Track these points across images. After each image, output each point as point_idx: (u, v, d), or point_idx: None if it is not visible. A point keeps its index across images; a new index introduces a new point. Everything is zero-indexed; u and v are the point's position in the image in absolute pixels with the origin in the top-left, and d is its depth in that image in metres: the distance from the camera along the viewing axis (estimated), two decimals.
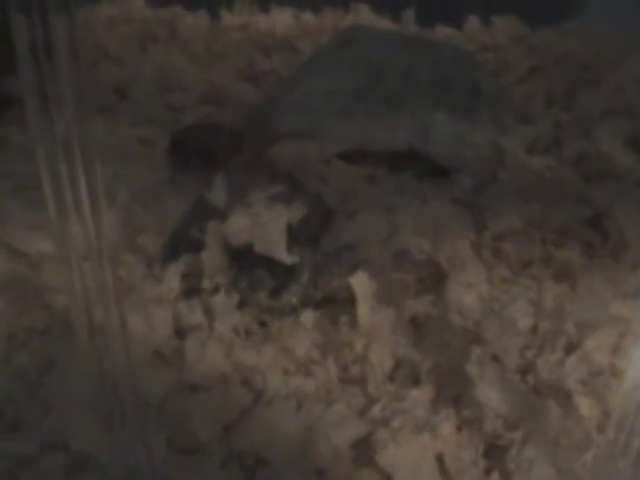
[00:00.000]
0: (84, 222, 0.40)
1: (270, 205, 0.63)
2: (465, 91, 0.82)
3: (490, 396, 0.53)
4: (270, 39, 1.07)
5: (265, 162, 0.76)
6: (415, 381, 0.57)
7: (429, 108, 0.80)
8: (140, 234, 0.68)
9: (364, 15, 1.12)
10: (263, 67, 1.00)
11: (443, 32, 1.09)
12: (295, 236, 0.62)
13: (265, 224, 0.61)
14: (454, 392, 0.55)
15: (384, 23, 1.11)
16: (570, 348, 0.58)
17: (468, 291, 0.61)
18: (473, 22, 1.11)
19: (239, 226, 0.61)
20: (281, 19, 1.12)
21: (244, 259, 0.62)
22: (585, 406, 0.53)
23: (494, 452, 0.52)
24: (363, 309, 0.60)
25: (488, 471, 0.51)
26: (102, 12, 1.15)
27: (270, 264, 0.63)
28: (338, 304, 0.63)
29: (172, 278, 0.62)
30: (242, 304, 0.62)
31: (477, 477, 0.51)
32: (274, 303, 0.62)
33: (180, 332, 0.60)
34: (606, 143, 0.80)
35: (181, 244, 0.65)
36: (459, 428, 0.53)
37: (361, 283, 0.60)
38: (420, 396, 0.55)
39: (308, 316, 0.61)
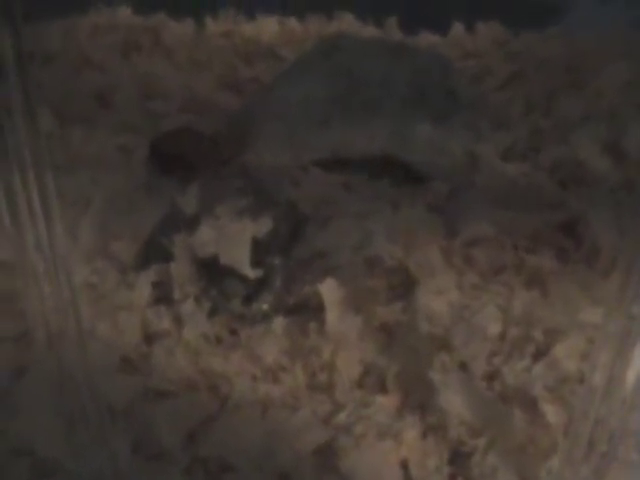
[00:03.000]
0: (37, 230, 0.40)
1: (236, 218, 0.63)
2: (441, 97, 0.82)
3: (454, 403, 0.53)
4: (254, 46, 1.07)
5: (240, 170, 0.76)
6: (383, 388, 0.57)
7: (406, 115, 0.80)
8: (114, 241, 0.68)
9: (348, 23, 1.12)
10: (245, 75, 1.00)
11: (427, 39, 1.09)
12: (264, 249, 0.63)
13: (230, 237, 0.61)
14: (420, 399, 0.55)
15: (368, 30, 1.11)
16: (538, 355, 0.57)
17: (438, 298, 0.61)
18: (457, 29, 1.11)
19: (206, 238, 0.61)
20: (266, 26, 1.12)
21: (215, 268, 0.62)
22: (551, 413, 0.53)
23: (458, 459, 0.52)
24: (331, 316, 0.60)
25: (452, 478, 0.51)
26: (89, 21, 1.15)
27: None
28: (310, 311, 0.63)
29: (142, 286, 0.62)
30: (213, 312, 0.62)
31: None
32: (246, 310, 0.63)
33: (149, 339, 0.60)
34: (583, 149, 0.80)
35: (152, 252, 0.65)
36: (424, 435, 0.53)
37: (330, 290, 0.60)
38: (386, 402, 0.55)
39: (278, 323, 0.61)
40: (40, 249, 0.40)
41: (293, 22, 1.15)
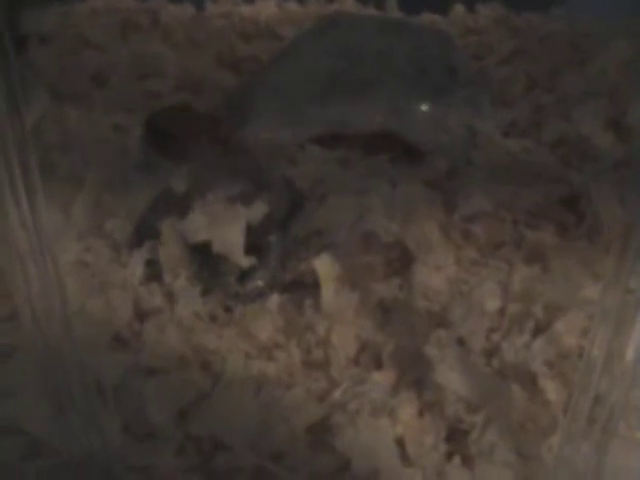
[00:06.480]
0: (21, 210, 0.39)
1: (229, 205, 0.61)
2: (442, 73, 0.80)
3: (451, 379, 0.52)
4: (253, 26, 1.06)
5: (237, 148, 0.75)
6: (379, 365, 0.56)
7: (405, 90, 0.78)
8: (108, 219, 0.67)
9: (348, 5, 1.11)
10: (244, 53, 0.99)
11: (427, 18, 1.07)
12: (259, 230, 0.61)
13: (223, 225, 0.60)
14: (416, 375, 0.54)
15: (368, 12, 1.10)
16: (538, 331, 0.56)
17: (436, 273, 0.60)
18: (458, 10, 1.09)
19: (197, 224, 0.60)
20: (265, 8, 1.11)
21: (207, 251, 0.61)
22: (551, 389, 0.52)
23: (456, 436, 0.51)
24: (327, 292, 0.59)
25: (449, 455, 0.50)
26: (88, 5, 1.14)
27: None
28: (305, 288, 0.62)
29: (135, 263, 0.62)
30: (207, 290, 0.61)
31: (438, 462, 0.50)
32: (240, 288, 0.62)
33: (142, 316, 0.59)
34: (586, 125, 0.79)
35: (146, 230, 0.64)
36: (420, 412, 0.52)
37: (325, 266, 0.59)
38: (382, 379, 0.54)
39: (273, 300, 0.60)
40: (24, 228, 0.39)
41: (292, 4, 1.14)
